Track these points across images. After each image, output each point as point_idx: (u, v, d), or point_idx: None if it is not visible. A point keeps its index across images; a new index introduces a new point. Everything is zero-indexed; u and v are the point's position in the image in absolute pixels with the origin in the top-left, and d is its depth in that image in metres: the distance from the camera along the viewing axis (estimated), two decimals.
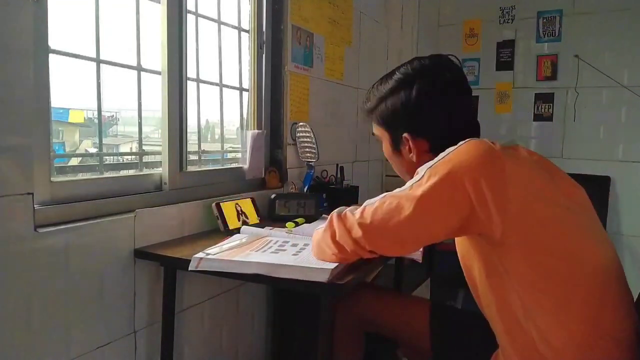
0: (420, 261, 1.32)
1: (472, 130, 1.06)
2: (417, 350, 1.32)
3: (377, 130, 1.15)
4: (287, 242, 1.31)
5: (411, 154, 1.07)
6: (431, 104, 1.04)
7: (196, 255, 1.17)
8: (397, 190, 0.96)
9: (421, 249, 1.33)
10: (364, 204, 1.01)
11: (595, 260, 0.93)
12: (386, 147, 1.14)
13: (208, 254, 1.18)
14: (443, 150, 0.98)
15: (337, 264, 1.07)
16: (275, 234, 1.39)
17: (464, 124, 1.06)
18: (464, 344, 1.14)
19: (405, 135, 1.06)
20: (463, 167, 0.89)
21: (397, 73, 1.09)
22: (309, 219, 1.67)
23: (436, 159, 0.94)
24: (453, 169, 0.89)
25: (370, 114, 1.13)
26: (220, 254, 1.19)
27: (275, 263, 1.10)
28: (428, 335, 1.24)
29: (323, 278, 1.04)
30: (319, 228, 1.11)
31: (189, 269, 1.16)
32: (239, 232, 1.43)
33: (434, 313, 1.27)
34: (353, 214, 1.01)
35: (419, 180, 0.93)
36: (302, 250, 1.22)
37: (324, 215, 1.77)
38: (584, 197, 1.05)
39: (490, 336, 1.04)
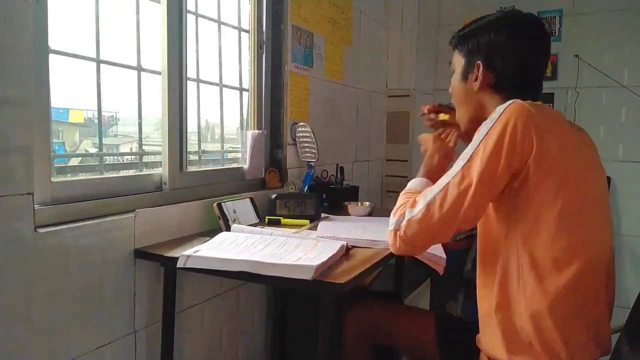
0: (442, 273, 1.32)
1: (538, 78, 1.14)
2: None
3: (456, 57, 1.20)
4: (276, 240, 1.32)
5: (476, 82, 1.13)
6: (514, 48, 1.10)
7: (184, 253, 1.18)
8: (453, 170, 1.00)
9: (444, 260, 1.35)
10: (424, 201, 1.02)
11: (600, 246, 1.01)
12: (456, 74, 1.19)
13: (197, 252, 1.19)
14: (507, 89, 1.09)
15: (322, 262, 1.09)
16: (264, 232, 1.40)
17: (536, 71, 1.13)
18: (472, 352, 1.15)
19: (479, 62, 1.12)
20: (511, 124, 0.94)
21: (492, 16, 1.17)
22: (310, 219, 1.67)
23: (485, 128, 0.98)
24: (503, 129, 0.95)
25: (461, 40, 1.18)
26: (209, 251, 1.21)
27: (260, 261, 1.11)
28: (435, 345, 1.27)
29: (307, 275, 1.05)
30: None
31: (177, 266, 1.17)
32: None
33: (440, 324, 1.30)
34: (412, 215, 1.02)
35: (474, 151, 0.98)
36: (289, 248, 1.23)
37: (323, 214, 1.77)
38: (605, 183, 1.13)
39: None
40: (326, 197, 1.99)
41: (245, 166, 1.82)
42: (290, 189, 1.91)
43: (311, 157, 1.94)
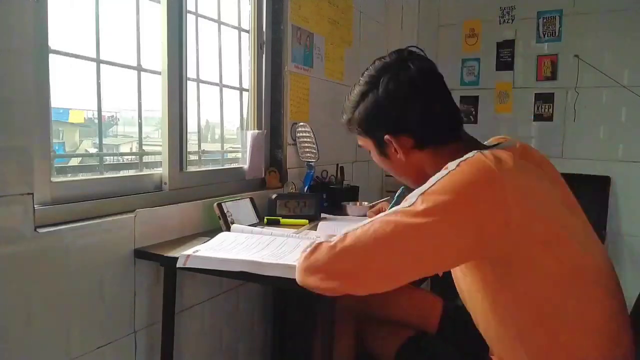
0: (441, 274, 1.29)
1: (452, 115, 1.02)
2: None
3: (360, 140, 1.10)
4: (275, 240, 1.32)
5: (399, 155, 1.01)
6: (401, 98, 0.98)
7: (184, 253, 1.18)
8: (381, 215, 0.89)
9: None
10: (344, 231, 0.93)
11: (594, 265, 0.94)
12: (374, 154, 1.09)
13: (196, 251, 1.19)
14: (429, 144, 0.98)
15: None
16: (264, 232, 1.40)
17: (440, 109, 1.00)
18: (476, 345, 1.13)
19: (386, 137, 1.00)
20: (460, 196, 0.83)
21: (362, 78, 1.05)
22: (310, 219, 1.67)
23: (429, 183, 0.87)
24: (451, 198, 0.83)
25: (349, 125, 1.08)
26: (209, 251, 1.21)
27: (259, 261, 1.12)
28: (435, 327, 1.25)
29: None
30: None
31: (177, 265, 1.17)
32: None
33: (447, 311, 1.27)
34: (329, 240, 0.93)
35: (410, 206, 0.85)
36: (288, 248, 1.24)
37: (323, 215, 1.77)
38: (575, 200, 1.02)
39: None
40: (326, 197, 1.99)
41: (245, 166, 1.82)
42: (290, 189, 1.91)
43: (311, 157, 1.94)
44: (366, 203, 1.94)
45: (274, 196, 1.70)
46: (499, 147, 0.95)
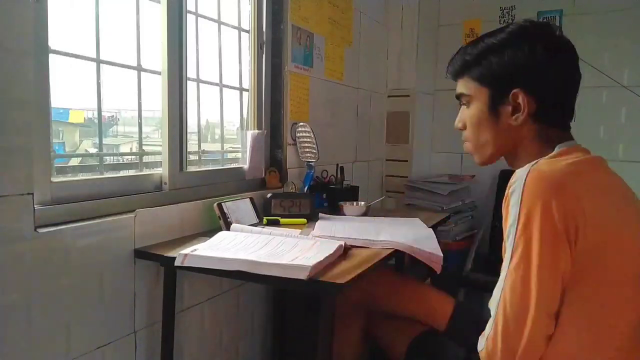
0: (439, 271, 1.26)
1: (573, 111, 0.98)
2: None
3: (469, 88, 1.00)
4: (274, 239, 1.32)
5: (516, 115, 0.94)
6: (556, 64, 0.93)
7: (182, 252, 1.19)
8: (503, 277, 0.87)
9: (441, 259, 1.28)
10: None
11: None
12: (478, 109, 0.99)
13: (194, 250, 1.20)
14: (546, 118, 0.94)
15: (318, 261, 1.09)
16: (263, 232, 1.40)
17: (573, 93, 0.96)
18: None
19: (516, 91, 0.93)
20: (544, 212, 0.81)
21: (509, 28, 0.97)
22: (306, 218, 1.68)
23: (511, 216, 0.85)
24: (537, 220, 0.82)
25: (469, 67, 0.99)
26: (207, 250, 1.21)
27: (257, 260, 1.12)
28: (444, 326, 1.23)
29: (302, 275, 1.05)
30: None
31: (175, 264, 1.17)
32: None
33: (458, 310, 1.25)
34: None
35: (513, 248, 0.84)
36: (287, 247, 1.24)
37: (320, 214, 1.77)
38: None
39: None
40: (326, 197, 1.99)
41: (245, 166, 1.82)
42: (290, 189, 1.91)
43: (311, 157, 1.94)
44: (363, 203, 1.94)
45: (269, 195, 1.70)
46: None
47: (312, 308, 1.46)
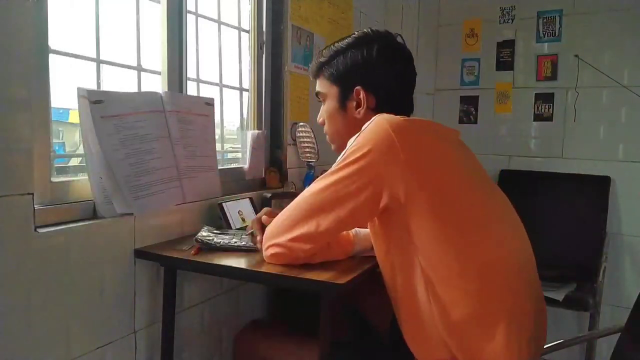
0: None
1: (410, 96, 1.15)
2: None
3: (323, 86, 1.17)
4: None
5: (358, 109, 1.11)
6: (389, 63, 1.10)
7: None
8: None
9: None
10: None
11: (502, 244, 1.00)
12: (331, 104, 1.16)
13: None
14: (384, 109, 1.06)
15: None
16: None
17: (408, 91, 1.14)
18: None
19: (357, 88, 1.10)
20: (372, 150, 0.94)
21: (354, 34, 1.14)
22: None
23: (346, 150, 0.99)
24: (364, 154, 0.95)
25: (322, 68, 1.16)
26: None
27: None
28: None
29: None
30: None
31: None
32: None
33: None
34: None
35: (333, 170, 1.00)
36: None
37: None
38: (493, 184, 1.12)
39: None
40: None
41: (245, 166, 1.82)
42: (290, 189, 1.91)
43: (311, 157, 1.94)
44: None
45: (268, 195, 1.70)
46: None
47: (311, 308, 1.46)
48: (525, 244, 1.06)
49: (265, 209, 1.22)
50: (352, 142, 0.99)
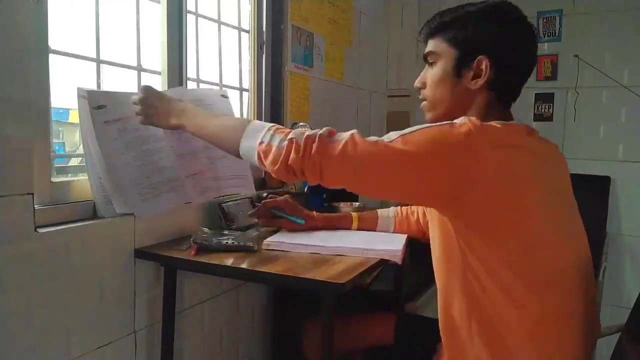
0: (400, 263, 1.26)
1: (519, 90, 1.08)
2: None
3: (440, 47, 1.04)
4: (333, 234, 1.44)
5: (476, 80, 1.00)
6: (521, 43, 1.02)
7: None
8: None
9: (401, 251, 1.28)
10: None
11: (560, 255, 0.96)
12: (443, 69, 1.04)
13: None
14: (499, 89, 1.02)
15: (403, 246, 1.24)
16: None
17: (526, 77, 1.07)
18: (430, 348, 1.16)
19: (481, 57, 0.99)
20: (428, 153, 0.90)
21: (490, 1, 1.04)
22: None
23: (412, 128, 0.95)
24: (419, 152, 0.91)
25: (443, 28, 1.04)
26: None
27: (361, 247, 1.25)
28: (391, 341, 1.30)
29: (397, 260, 1.21)
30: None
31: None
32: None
33: (400, 324, 1.32)
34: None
35: (390, 142, 0.94)
36: (356, 239, 1.37)
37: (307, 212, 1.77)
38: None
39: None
40: (326, 197, 1.99)
41: None
42: (290, 189, 1.91)
43: None
44: (357, 204, 1.93)
45: (265, 194, 1.69)
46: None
47: (312, 308, 1.46)
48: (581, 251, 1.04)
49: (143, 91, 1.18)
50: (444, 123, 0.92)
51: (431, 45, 1.06)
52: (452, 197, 0.90)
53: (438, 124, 0.93)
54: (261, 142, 1.00)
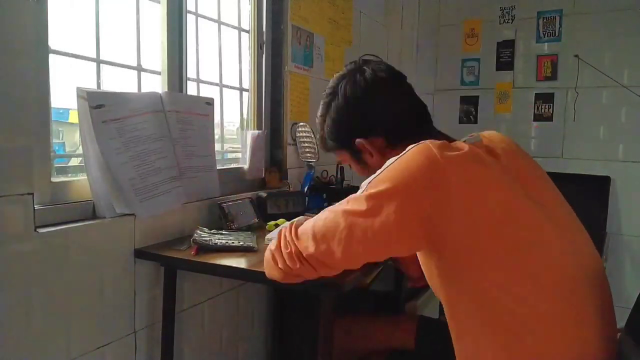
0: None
1: (416, 111, 1.04)
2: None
3: (338, 155, 1.12)
4: None
5: (373, 158, 1.03)
6: (360, 98, 1.02)
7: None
8: (336, 205, 0.94)
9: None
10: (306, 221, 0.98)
11: (558, 272, 0.88)
12: (353, 165, 1.10)
13: None
14: (399, 140, 0.98)
15: None
16: None
17: (402, 105, 1.03)
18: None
19: (357, 141, 1.02)
20: (400, 184, 0.84)
21: (323, 96, 1.10)
22: (296, 215, 1.68)
23: (378, 171, 0.89)
24: (391, 186, 0.84)
25: (323, 143, 1.12)
26: None
27: None
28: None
29: None
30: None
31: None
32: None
33: (421, 328, 1.29)
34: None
35: (360, 193, 0.88)
36: None
37: (307, 213, 1.77)
38: (557, 199, 0.99)
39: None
40: (326, 197, 1.99)
41: (245, 166, 1.82)
42: (285, 189, 1.91)
43: (311, 157, 1.94)
44: None
45: (264, 195, 1.69)
46: (461, 141, 0.95)
47: (312, 308, 1.46)
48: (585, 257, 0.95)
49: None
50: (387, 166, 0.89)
51: (336, 154, 1.13)
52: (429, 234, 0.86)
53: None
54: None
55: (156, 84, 1.49)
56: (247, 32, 1.87)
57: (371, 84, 1.02)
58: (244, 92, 1.88)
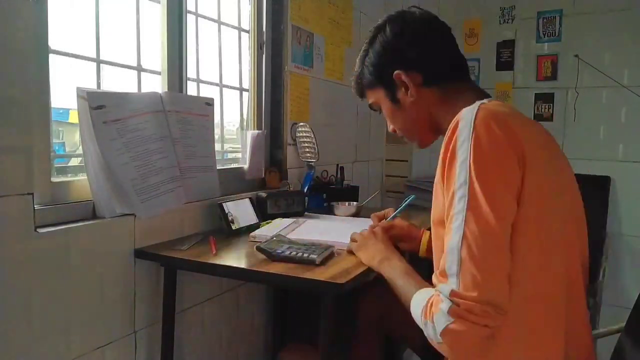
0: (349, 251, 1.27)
1: (457, 55, 1.06)
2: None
3: (371, 95, 1.12)
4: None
5: (409, 92, 1.02)
6: (407, 35, 1.05)
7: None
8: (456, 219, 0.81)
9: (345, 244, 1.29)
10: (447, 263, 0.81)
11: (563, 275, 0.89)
12: (386, 106, 1.09)
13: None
14: (437, 79, 1.01)
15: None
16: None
17: (446, 46, 1.05)
18: None
19: (396, 72, 1.02)
20: (490, 156, 0.80)
21: (368, 33, 1.12)
22: (297, 215, 1.71)
23: (462, 153, 0.81)
24: (483, 160, 0.80)
25: (359, 83, 1.13)
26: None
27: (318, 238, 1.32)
28: None
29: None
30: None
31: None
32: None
33: None
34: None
35: (467, 200, 0.80)
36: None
37: (306, 213, 1.77)
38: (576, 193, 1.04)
39: None
40: (326, 197, 1.99)
41: (245, 166, 1.82)
42: (285, 189, 1.91)
43: (311, 157, 1.94)
44: (355, 203, 1.93)
45: (265, 195, 1.69)
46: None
47: (312, 308, 1.46)
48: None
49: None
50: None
51: (367, 96, 1.14)
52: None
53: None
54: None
55: (156, 84, 1.49)
56: (247, 32, 1.87)
57: (421, 20, 1.07)
58: (244, 92, 1.88)
